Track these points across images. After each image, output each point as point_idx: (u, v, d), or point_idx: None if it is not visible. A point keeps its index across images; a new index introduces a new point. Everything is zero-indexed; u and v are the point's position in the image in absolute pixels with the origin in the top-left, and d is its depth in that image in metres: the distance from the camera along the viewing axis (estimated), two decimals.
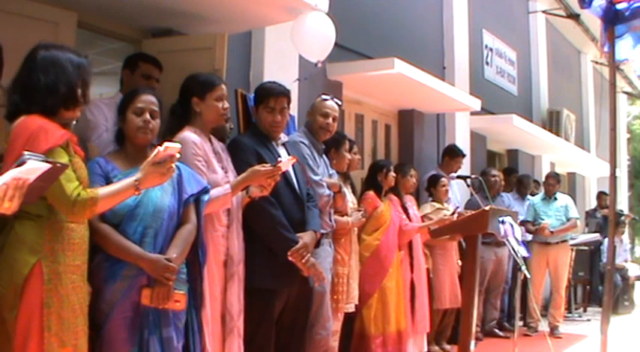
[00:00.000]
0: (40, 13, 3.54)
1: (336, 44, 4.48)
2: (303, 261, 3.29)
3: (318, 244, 3.57)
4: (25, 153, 1.94)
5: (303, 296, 3.52)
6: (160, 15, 4.06)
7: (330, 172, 4.17)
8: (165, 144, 2.32)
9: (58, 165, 2.01)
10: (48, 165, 1.93)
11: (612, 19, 3.87)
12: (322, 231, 3.76)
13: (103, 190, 2.33)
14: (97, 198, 2.26)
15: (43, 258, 2.21)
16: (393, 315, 4.87)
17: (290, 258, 3.26)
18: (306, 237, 3.36)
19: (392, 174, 5.18)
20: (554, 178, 7.63)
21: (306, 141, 3.91)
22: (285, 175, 3.25)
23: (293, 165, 3.33)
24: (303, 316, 3.57)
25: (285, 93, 3.50)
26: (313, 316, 3.76)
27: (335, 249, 4.13)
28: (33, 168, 1.89)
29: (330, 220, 3.98)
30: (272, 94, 3.46)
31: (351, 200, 4.60)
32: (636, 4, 3.72)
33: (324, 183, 3.86)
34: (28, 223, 2.21)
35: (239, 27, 4.52)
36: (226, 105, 3.20)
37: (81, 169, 2.36)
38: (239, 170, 3.14)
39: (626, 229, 10.71)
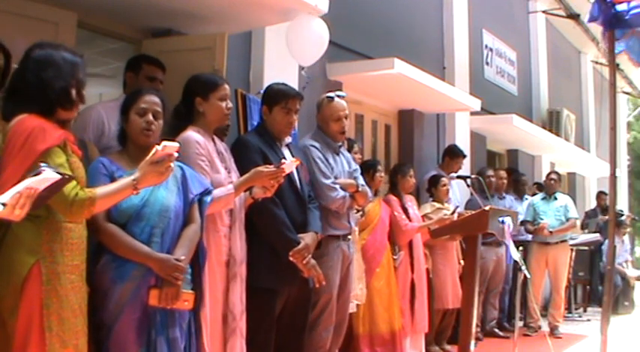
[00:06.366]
0: (40, 13, 3.55)
1: (336, 44, 4.49)
2: (304, 261, 3.32)
3: (319, 246, 3.56)
4: (42, 163, 1.99)
5: (302, 297, 3.52)
6: (160, 15, 4.06)
7: (354, 168, 4.13)
8: (164, 143, 2.31)
9: (67, 176, 2.03)
10: (59, 177, 1.97)
11: (613, 22, 3.84)
12: (338, 233, 3.80)
13: (101, 190, 2.32)
14: (94, 198, 2.25)
15: (41, 258, 2.20)
16: (382, 316, 4.85)
17: (291, 259, 3.28)
18: (307, 238, 3.38)
19: (380, 174, 5.12)
20: (555, 174, 7.69)
21: (317, 145, 3.89)
22: (288, 177, 3.27)
23: (296, 167, 3.34)
24: (302, 317, 3.57)
25: (300, 96, 3.59)
26: (317, 317, 3.75)
27: None
28: (45, 178, 1.94)
29: (349, 222, 3.96)
30: (289, 96, 3.52)
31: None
32: (635, 10, 3.68)
33: (337, 186, 3.82)
34: (26, 224, 2.18)
35: (239, 27, 4.52)
36: (230, 104, 3.20)
37: (78, 169, 2.35)
38: (245, 169, 3.11)
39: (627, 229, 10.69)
